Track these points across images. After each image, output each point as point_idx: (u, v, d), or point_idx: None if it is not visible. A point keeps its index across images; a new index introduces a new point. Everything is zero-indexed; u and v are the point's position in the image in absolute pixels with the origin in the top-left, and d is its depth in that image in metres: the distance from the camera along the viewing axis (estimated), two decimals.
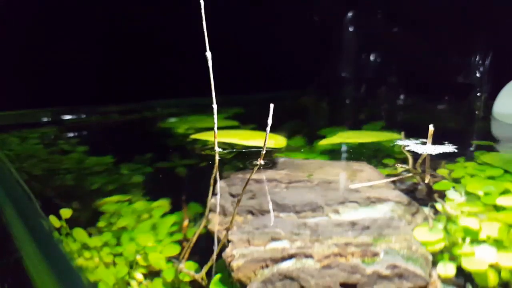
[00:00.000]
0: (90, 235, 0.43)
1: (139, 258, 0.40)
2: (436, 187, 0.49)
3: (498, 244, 0.37)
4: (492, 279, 0.34)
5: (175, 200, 0.50)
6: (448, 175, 0.53)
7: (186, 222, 0.45)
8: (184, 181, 0.60)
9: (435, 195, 0.47)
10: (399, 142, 0.68)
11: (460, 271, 0.35)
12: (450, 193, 0.47)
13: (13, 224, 0.43)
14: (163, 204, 0.49)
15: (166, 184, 0.58)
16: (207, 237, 0.41)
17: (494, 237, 0.38)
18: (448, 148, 0.64)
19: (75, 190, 0.56)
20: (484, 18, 1.02)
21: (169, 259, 0.39)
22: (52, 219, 0.44)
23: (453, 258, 0.36)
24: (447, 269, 0.35)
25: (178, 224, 0.45)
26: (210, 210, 0.45)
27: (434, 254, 0.37)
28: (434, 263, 0.36)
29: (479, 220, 0.40)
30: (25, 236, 0.40)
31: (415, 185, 0.51)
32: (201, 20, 0.54)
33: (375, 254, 0.35)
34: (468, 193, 0.46)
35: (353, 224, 0.40)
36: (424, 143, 0.64)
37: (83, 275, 0.36)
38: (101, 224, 0.45)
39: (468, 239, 0.38)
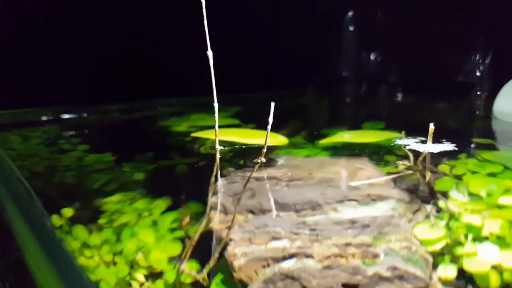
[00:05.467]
0: (91, 231, 0.43)
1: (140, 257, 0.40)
2: (437, 184, 0.49)
3: (500, 241, 0.37)
4: (494, 280, 0.34)
5: (176, 199, 0.50)
6: (450, 172, 0.53)
7: (186, 220, 0.45)
8: (184, 179, 0.60)
9: (437, 193, 0.47)
10: (400, 141, 0.68)
11: (461, 272, 0.35)
12: (452, 191, 0.47)
13: (15, 222, 0.43)
14: (164, 202, 0.49)
15: (166, 182, 0.58)
16: (208, 236, 0.41)
17: (496, 233, 0.38)
18: (449, 146, 0.64)
19: (76, 188, 0.56)
20: (484, 17, 1.03)
21: (170, 259, 0.39)
22: (54, 217, 0.44)
23: (454, 259, 0.36)
24: (447, 270, 0.35)
25: (178, 222, 0.45)
26: (211, 209, 0.45)
27: (434, 255, 0.37)
28: (435, 264, 0.36)
29: (481, 217, 0.40)
30: (27, 234, 0.40)
31: (417, 183, 0.51)
32: (202, 19, 0.54)
33: (375, 256, 0.35)
34: (470, 191, 0.46)
35: (352, 222, 0.40)
36: (425, 142, 0.64)
37: (85, 274, 0.36)
38: (102, 221, 0.45)
39: (470, 237, 0.38)
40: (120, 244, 0.41)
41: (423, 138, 0.68)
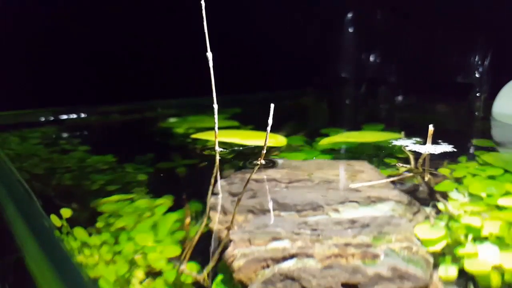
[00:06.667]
0: (90, 234, 0.43)
1: (138, 257, 0.40)
2: (437, 186, 0.49)
3: (500, 242, 0.37)
4: (495, 281, 0.34)
5: (176, 200, 0.50)
6: (450, 175, 0.53)
7: (187, 221, 0.45)
8: (184, 181, 0.60)
9: (437, 195, 0.47)
10: (399, 142, 0.68)
11: (462, 272, 0.35)
12: (452, 193, 0.47)
13: (15, 222, 0.43)
14: (164, 203, 0.49)
15: (166, 183, 0.58)
16: (208, 237, 0.41)
17: (496, 234, 0.38)
18: (448, 148, 0.64)
19: (75, 190, 0.56)
20: (484, 18, 1.03)
21: (170, 260, 0.39)
22: (53, 218, 0.44)
23: (455, 259, 0.36)
24: (448, 270, 0.35)
25: (179, 223, 0.45)
26: (211, 210, 0.45)
27: (435, 255, 0.37)
28: (436, 265, 0.36)
29: (481, 218, 0.40)
30: (27, 235, 0.40)
31: (417, 185, 0.51)
32: (201, 20, 0.54)
33: (375, 256, 0.35)
34: (470, 193, 0.46)
35: (353, 222, 0.40)
36: (425, 143, 0.64)
37: (84, 273, 0.36)
38: (100, 224, 0.45)
39: (470, 237, 0.38)
40: (119, 246, 0.41)
41: (422, 139, 0.68)
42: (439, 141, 0.66)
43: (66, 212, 0.46)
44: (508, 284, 0.34)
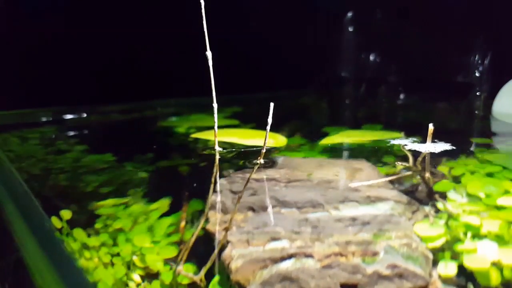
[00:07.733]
0: (89, 235, 0.43)
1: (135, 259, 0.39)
2: (436, 185, 0.49)
3: (499, 239, 0.37)
4: (495, 277, 0.34)
5: (175, 201, 0.50)
6: (449, 173, 0.53)
7: (183, 224, 0.45)
8: (184, 181, 0.60)
9: (436, 194, 0.47)
10: (399, 141, 0.68)
11: (461, 269, 0.35)
12: (451, 192, 0.47)
13: (14, 223, 0.43)
14: (163, 203, 0.49)
15: (166, 183, 0.58)
16: (206, 238, 0.41)
17: (495, 232, 0.38)
18: (448, 146, 0.64)
19: (75, 189, 0.56)
20: (484, 18, 1.03)
21: (166, 262, 0.39)
22: (53, 219, 0.44)
23: (455, 255, 0.36)
24: (448, 268, 0.35)
25: (175, 225, 0.45)
26: (210, 209, 0.45)
27: (434, 252, 0.37)
28: (435, 262, 0.36)
29: (480, 217, 0.40)
30: (26, 235, 0.40)
31: (416, 184, 0.51)
32: (201, 19, 0.54)
33: (375, 254, 0.35)
34: (469, 192, 0.46)
35: (353, 219, 0.40)
36: (424, 142, 0.64)
37: (84, 274, 0.36)
38: (98, 225, 0.45)
39: (469, 234, 0.38)
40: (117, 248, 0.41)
41: (422, 138, 0.68)
42: (439, 140, 0.66)
43: (66, 213, 0.46)
44: (507, 280, 0.34)
